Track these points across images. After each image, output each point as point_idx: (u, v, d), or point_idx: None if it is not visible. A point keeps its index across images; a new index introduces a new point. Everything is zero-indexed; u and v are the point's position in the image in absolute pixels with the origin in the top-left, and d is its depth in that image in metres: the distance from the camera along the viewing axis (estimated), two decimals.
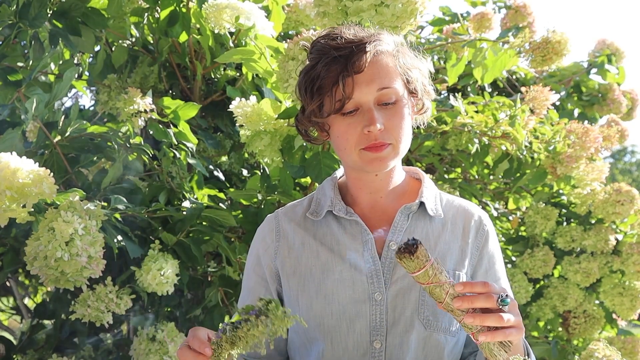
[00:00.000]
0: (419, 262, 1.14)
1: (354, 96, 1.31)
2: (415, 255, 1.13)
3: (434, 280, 1.15)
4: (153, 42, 2.67)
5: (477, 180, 3.01)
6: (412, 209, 1.41)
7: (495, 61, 2.53)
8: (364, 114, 1.32)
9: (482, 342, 1.17)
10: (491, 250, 1.45)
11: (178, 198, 2.33)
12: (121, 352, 2.61)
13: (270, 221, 1.49)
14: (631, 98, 3.78)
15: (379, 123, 1.30)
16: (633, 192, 2.65)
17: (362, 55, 1.31)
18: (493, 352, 1.18)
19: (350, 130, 1.33)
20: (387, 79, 1.33)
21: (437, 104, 2.68)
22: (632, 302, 2.69)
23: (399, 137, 1.34)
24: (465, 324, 1.17)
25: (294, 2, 2.74)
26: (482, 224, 1.45)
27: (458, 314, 1.17)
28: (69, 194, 1.90)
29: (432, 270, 1.15)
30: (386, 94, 1.33)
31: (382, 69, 1.33)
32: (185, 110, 2.35)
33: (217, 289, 2.32)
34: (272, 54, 2.15)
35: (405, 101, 1.36)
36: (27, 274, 3.18)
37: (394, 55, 1.35)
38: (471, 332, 1.17)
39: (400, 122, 1.34)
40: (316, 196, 1.49)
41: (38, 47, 2.25)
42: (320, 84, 1.34)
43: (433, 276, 1.15)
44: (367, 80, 1.31)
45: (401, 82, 1.35)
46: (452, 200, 1.48)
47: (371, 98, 1.32)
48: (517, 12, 3.19)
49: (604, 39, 3.69)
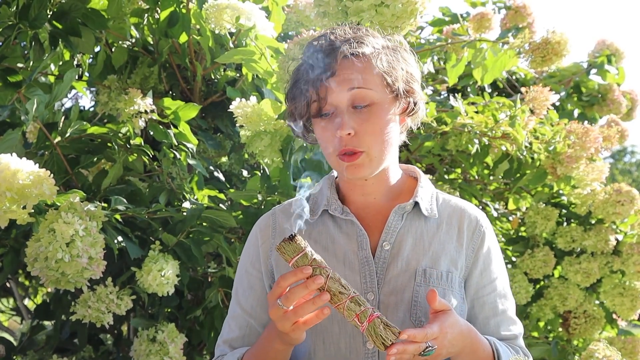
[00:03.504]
0: (297, 246, 1.18)
1: (328, 99, 1.32)
2: (294, 240, 1.18)
3: (313, 264, 1.18)
4: (153, 43, 2.67)
5: (477, 181, 3.01)
6: (406, 208, 1.40)
7: (495, 62, 2.53)
8: (336, 117, 1.32)
9: (370, 325, 1.18)
10: (487, 252, 1.43)
11: (178, 199, 2.34)
12: (121, 353, 2.61)
13: (267, 218, 1.49)
14: (631, 98, 3.78)
15: (348, 127, 1.30)
16: (633, 193, 2.65)
17: (334, 58, 1.31)
18: (380, 334, 1.18)
19: (325, 134, 1.34)
20: (359, 80, 1.31)
21: (437, 104, 2.68)
22: (632, 302, 2.69)
23: (372, 143, 1.32)
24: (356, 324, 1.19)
25: (294, 3, 2.74)
26: (479, 224, 1.44)
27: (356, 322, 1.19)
28: (69, 195, 1.90)
29: (310, 254, 1.18)
30: (358, 96, 1.31)
31: (355, 71, 1.32)
32: (185, 111, 2.35)
33: (218, 290, 2.32)
34: (273, 55, 2.15)
35: (385, 104, 1.34)
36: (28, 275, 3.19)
37: (372, 57, 1.33)
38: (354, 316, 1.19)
39: (374, 127, 1.32)
40: (313, 195, 1.49)
41: (38, 48, 2.25)
42: (296, 92, 1.36)
43: (312, 260, 1.18)
44: (339, 81, 1.31)
45: (379, 84, 1.33)
46: (449, 200, 1.47)
47: (343, 100, 1.32)
48: (516, 13, 3.19)
49: (604, 39, 3.69)
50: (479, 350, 1.32)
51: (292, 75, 1.41)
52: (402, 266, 1.37)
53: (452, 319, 1.26)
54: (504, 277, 1.47)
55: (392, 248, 1.38)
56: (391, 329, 1.17)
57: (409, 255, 1.38)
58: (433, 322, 1.23)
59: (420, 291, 1.35)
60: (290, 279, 1.18)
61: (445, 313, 1.26)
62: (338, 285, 1.18)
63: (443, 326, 1.23)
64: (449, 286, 1.38)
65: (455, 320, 1.26)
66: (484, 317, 1.43)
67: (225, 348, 1.45)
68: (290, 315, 1.18)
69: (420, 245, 1.39)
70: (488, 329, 1.42)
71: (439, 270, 1.38)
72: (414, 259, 1.37)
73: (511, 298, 1.48)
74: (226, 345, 1.45)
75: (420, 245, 1.39)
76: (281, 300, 1.19)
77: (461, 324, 1.29)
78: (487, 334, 1.40)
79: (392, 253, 1.38)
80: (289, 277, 1.18)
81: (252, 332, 1.44)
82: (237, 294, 1.47)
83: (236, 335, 1.44)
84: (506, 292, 1.46)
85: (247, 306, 1.45)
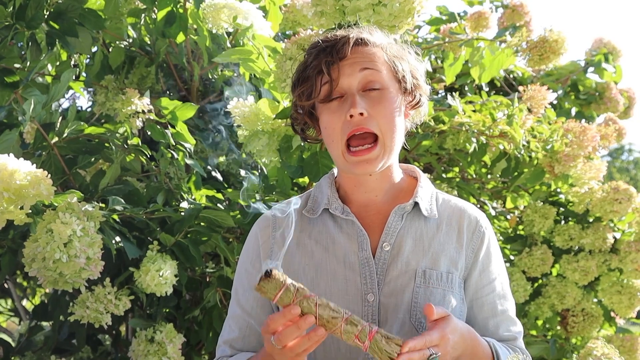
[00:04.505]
0: (277, 282, 1.14)
1: (339, 82, 1.32)
2: (272, 276, 1.13)
3: (297, 296, 1.14)
4: (150, 43, 2.67)
5: (475, 180, 3.01)
6: (406, 209, 1.40)
7: (493, 60, 2.53)
8: (347, 100, 1.32)
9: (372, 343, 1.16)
10: (486, 252, 1.43)
11: (176, 199, 2.33)
12: (120, 354, 2.60)
13: (267, 217, 1.48)
14: (628, 96, 3.78)
15: (360, 107, 1.30)
16: (630, 191, 2.65)
17: (346, 42, 1.33)
18: (384, 349, 1.16)
19: (334, 118, 1.34)
20: (371, 62, 1.33)
21: (435, 103, 2.68)
22: (630, 300, 2.69)
23: (385, 126, 1.33)
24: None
25: (291, 2, 2.74)
26: (479, 225, 1.43)
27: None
28: (66, 196, 1.90)
29: (293, 287, 1.14)
30: (370, 78, 1.33)
31: (367, 54, 1.34)
32: (182, 110, 2.35)
33: (216, 290, 2.31)
34: (270, 54, 2.15)
35: (394, 92, 1.35)
36: (25, 276, 3.18)
37: (381, 47, 1.36)
38: None
39: (385, 110, 1.33)
40: (313, 193, 1.48)
41: (35, 49, 2.24)
42: (308, 74, 1.35)
43: (296, 292, 1.14)
44: (350, 63, 1.33)
45: (389, 72, 1.35)
46: (449, 200, 1.46)
47: (354, 82, 1.33)
48: (514, 11, 3.20)
49: (601, 37, 3.69)
50: (479, 352, 1.33)
51: (301, 62, 1.41)
52: (402, 267, 1.36)
53: (452, 324, 1.26)
54: (504, 278, 1.47)
55: (392, 249, 1.37)
56: (393, 341, 1.16)
57: (408, 256, 1.37)
58: (432, 330, 1.23)
59: (420, 292, 1.35)
60: (279, 320, 1.16)
61: (445, 320, 1.25)
62: (329, 311, 1.16)
63: (444, 333, 1.23)
64: (449, 287, 1.37)
65: (455, 325, 1.26)
66: (483, 317, 1.43)
67: (226, 348, 1.44)
68: (287, 351, 1.18)
69: (420, 246, 1.38)
70: (487, 329, 1.42)
71: (439, 271, 1.37)
72: (414, 260, 1.37)
73: (511, 299, 1.47)
74: (227, 346, 1.44)
75: (420, 246, 1.38)
76: (275, 340, 1.17)
77: (461, 328, 1.28)
78: (487, 335, 1.40)
79: (392, 254, 1.37)
80: (279, 319, 1.16)
81: (252, 332, 1.43)
82: (237, 294, 1.47)
83: (236, 336, 1.44)
84: (506, 293, 1.46)
85: (247, 306, 1.44)
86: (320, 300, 1.16)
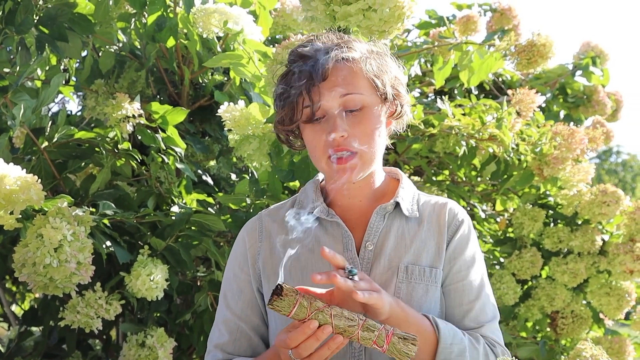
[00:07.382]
0: (289, 299, 1.15)
1: (321, 104, 1.33)
2: (283, 293, 1.15)
3: (312, 309, 1.16)
4: (140, 48, 2.67)
5: (464, 182, 3.02)
6: (387, 209, 1.43)
7: (482, 64, 2.55)
8: (329, 121, 1.34)
9: (390, 346, 1.17)
10: (460, 240, 1.44)
11: (167, 203, 2.33)
12: (110, 358, 2.60)
13: (254, 222, 1.51)
14: (616, 99, 3.82)
15: (341, 130, 1.31)
16: (619, 193, 2.67)
17: (325, 64, 1.32)
18: (402, 350, 1.17)
19: (317, 138, 1.36)
20: (352, 85, 1.34)
21: (425, 106, 2.70)
22: (618, 302, 2.71)
23: (365, 144, 1.34)
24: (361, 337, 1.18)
25: (282, 7, 2.75)
26: (456, 217, 1.46)
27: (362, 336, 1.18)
28: (57, 200, 1.89)
29: (306, 301, 1.16)
30: (351, 100, 1.34)
31: (347, 75, 1.34)
32: (173, 115, 2.35)
33: (207, 294, 2.31)
34: (260, 59, 2.15)
35: (375, 107, 1.36)
36: (15, 281, 3.16)
37: (361, 61, 1.36)
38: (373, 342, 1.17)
39: (365, 129, 1.34)
40: (299, 198, 1.51)
41: (25, 53, 2.24)
42: (288, 94, 1.36)
43: (310, 305, 1.16)
44: (331, 87, 1.33)
45: (369, 87, 1.36)
46: (429, 200, 1.49)
47: (335, 104, 1.33)
48: (502, 15, 3.22)
49: (589, 41, 3.72)
50: (410, 318, 1.31)
51: (279, 81, 1.42)
52: (385, 264, 1.39)
53: None
54: (478, 269, 1.45)
55: (375, 248, 1.40)
56: (409, 341, 1.18)
57: (391, 253, 1.40)
58: None
59: (403, 287, 1.37)
60: (299, 338, 1.17)
61: None
62: (345, 320, 1.17)
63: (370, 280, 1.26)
64: (432, 282, 1.40)
65: None
66: (450, 305, 1.43)
67: (217, 353, 1.45)
68: None
69: (402, 244, 1.41)
70: (453, 317, 1.42)
71: (422, 266, 1.40)
72: (396, 257, 1.40)
73: (485, 290, 1.45)
74: (218, 350, 1.45)
75: (402, 244, 1.41)
76: (293, 354, 1.19)
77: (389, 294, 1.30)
78: (453, 323, 1.39)
79: (375, 252, 1.40)
80: (298, 337, 1.17)
81: (242, 335, 1.44)
82: (226, 298, 1.48)
83: (227, 340, 1.44)
84: (477, 284, 1.44)
85: (237, 310, 1.45)
86: (334, 311, 1.17)
